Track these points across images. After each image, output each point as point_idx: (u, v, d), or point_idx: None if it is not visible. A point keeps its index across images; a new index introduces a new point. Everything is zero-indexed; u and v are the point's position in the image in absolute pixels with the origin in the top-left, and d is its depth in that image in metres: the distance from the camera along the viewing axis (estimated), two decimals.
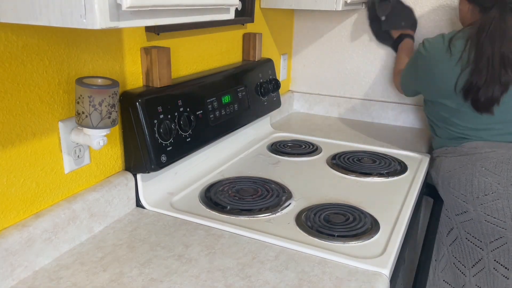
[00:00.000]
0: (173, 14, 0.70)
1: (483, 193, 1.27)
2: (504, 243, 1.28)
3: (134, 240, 0.96)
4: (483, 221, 1.29)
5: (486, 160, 1.28)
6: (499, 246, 1.29)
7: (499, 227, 1.27)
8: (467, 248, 1.36)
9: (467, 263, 1.38)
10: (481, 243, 1.33)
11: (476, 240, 1.33)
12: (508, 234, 1.26)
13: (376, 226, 1.03)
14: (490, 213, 1.27)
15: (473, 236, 1.33)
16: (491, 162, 1.27)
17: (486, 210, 1.27)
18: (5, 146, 0.80)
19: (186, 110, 1.14)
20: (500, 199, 1.25)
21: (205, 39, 1.33)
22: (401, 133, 1.75)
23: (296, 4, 1.54)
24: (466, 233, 1.35)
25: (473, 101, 1.29)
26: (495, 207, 1.26)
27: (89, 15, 0.56)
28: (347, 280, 0.84)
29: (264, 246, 0.94)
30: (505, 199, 1.24)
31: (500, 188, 1.24)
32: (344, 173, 1.33)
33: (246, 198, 1.14)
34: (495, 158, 1.28)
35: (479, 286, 1.36)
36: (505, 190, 1.24)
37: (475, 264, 1.36)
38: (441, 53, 1.31)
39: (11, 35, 0.77)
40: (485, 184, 1.27)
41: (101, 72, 0.97)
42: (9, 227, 0.82)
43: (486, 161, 1.28)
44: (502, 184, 1.24)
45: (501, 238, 1.28)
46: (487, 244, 1.31)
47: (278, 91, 1.64)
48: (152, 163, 1.04)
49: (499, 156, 1.28)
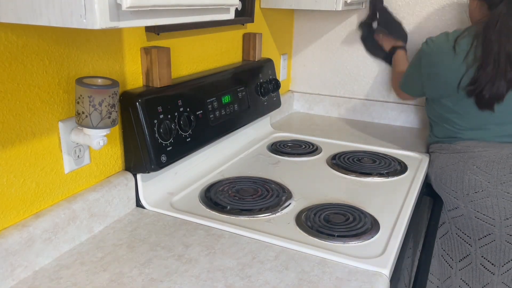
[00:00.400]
0: (173, 14, 0.70)
1: (473, 191, 1.29)
2: (492, 240, 1.30)
3: (134, 240, 0.96)
4: (473, 218, 1.31)
5: (478, 159, 1.30)
6: (488, 243, 1.31)
7: (488, 223, 1.28)
8: (456, 243, 1.38)
9: (455, 256, 1.40)
10: (470, 239, 1.34)
11: (465, 236, 1.35)
12: (497, 232, 1.28)
13: (376, 226, 1.03)
14: (480, 210, 1.28)
15: (463, 232, 1.35)
16: (482, 161, 1.29)
17: (476, 207, 1.29)
18: (5, 146, 0.80)
19: (186, 110, 1.14)
20: (490, 197, 1.26)
21: (205, 39, 1.33)
22: (401, 133, 1.75)
23: (296, 4, 1.54)
24: (456, 229, 1.37)
25: (477, 97, 1.29)
26: (484, 204, 1.27)
27: (89, 15, 0.56)
28: (347, 280, 0.84)
29: (264, 246, 0.94)
30: (495, 197, 1.26)
31: (490, 186, 1.26)
32: (344, 173, 1.33)
33: (246, 198, 1.14)
34: (487, 157, 1.29)
35: (463, 280, 1.38)
36: (494, 189, 1.26)
37: (463, 259, 1.38)
38: (445, 52, 1.32)
39: (11, 35, 0.77)
40: (475, 182, 1.28)
41: (101, 72, 0.97)
42: (9, 227, 0.82)
43: (478, 160, 1.30)
44: (492, 183, 1.26)
45: (490, 235, 1.30)
46: (476, 240, 1.33)
47: (278, 91, 1.64)
48: (152, 163, 1.04)
49: (491, 155, 1.29)
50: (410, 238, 1.52)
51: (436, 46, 1.34)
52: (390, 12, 1.73)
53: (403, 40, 1.72)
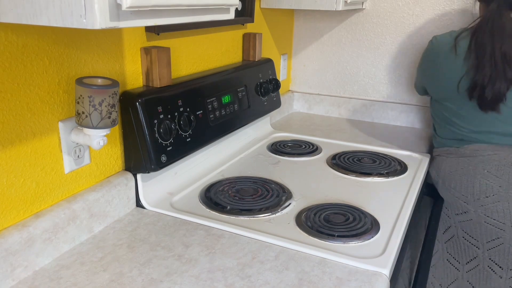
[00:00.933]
0: (173, 14, 0.70)
1: (484, 195, 1.27)
2: (501, 243, 1.29)
3: (134, 240, 0.96)
4: (482, 222, 1.29)
5: (488, 163, 1.29)
6: (496, 246, 1.30)
7: (498, 228, 1.27)
8: (463, 246, 1.37)
9: (461, 259, 1.39)
10: (477, 242, 1.33)
11: (473, 240, 1.34)
12: (506, 236, 1.27)
13: (376, 226, 1.03)
14: (490, 214, 1.27)
15: (470, 236, 1.34)
16: (493, 165, 1.28)
17: (486, 211, 1.27)
18: (5, 146, 0.80)
19: (186, 110, 1.14)
20: (501, 201, 1.25)
21: (205, 39, 1.33)
22: (401, 133, 1.75)
23: (296, 4, 1.54)
24: (463, 233, 1.36)
25: (479, 100, 1.28)
26: (495, 209, 1.26)
27: (89, 15, 0.56)
28: (347, 280, 0.84)
29: (264, 246, 0.94)
30: (506, 202, 1.24)
31: (502, 190, 1.25)
32: (344, 173, 1.33)
33: (246, 198, 1.13)
34: (497, 161, 1.28)
35: (470, 283, 1.37)
36: (506, 193, 1.24)
37: (470, 261, 1.36)
38: (447, 51, 1.32)
39: (11, 35, 0.77)
40: (486, 186, 1.27)
41: (101, 72, 0.97)
42: (9, 227, 0.82)
43: (488, 164, 1.28)
44: (503, 187, 1.25)
45: (499, 238, 1.29)
46: (483, 243, 1.32)
47: (278, 91, 1.64)
48: (152, 163, 1.04)
49: (501, 159, 1.28)
50: (410, 238, 1.52)
51: (439, 46, 1.34)
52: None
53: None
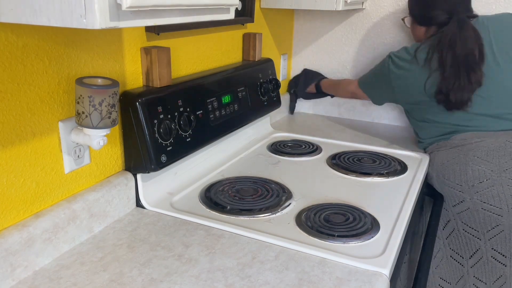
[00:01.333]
0: (173, 14, 0.70)
1: (478, 181, 1.30)
2: (501, 231, 1.30)
3: (134, 240, 0.96)
4: (479, 209, 1.31)
5: (477, 150, 1.33)
6: (496, 234, 1.31)
7: (496, 214, 1.29)
8: (464, 239, 1.38)
9: (464, 254, 1.40)
10: (478, 233, 1.34)
11: (473, 231, 1.35)
12: (505, 221, 1.28)
13: (376, 226, 1.03)
14: (486, 200, 1.29)
15: (470, 227, 1.35)
16: (482, 151, 1.32)
17: (482, 197, 1.30)
18: (5, 146, 0.80)
19: (186, 110, 1.14)
20: (495, 186, 1.28)
21: (205, 39, 1.33)
22: (401, 133, 1.75)
23: (296, 4, 1.54)
24: (463, 224, 1.37)
25: (445, 104, 1.36)
26: (490, 193, 1.28)
27: (89, 15, 0.56)
28: (347, 280, 0.84)
29: (264, 246, 0.94)
30: (500, 185, 1.27)
31: (494, 175, 1.28)
32: (344, 173, 1.33)
33: (246, 198, 1.13)
34: (486, 147, 1.32)
35: (476, 277, 1.38)
36: (499, 177, 1.27)
37: (473, 255, 1.38)
38: (410, 64, 1.40)
39: (11, 35, 0.77)
40: (479, 172, 1.30)
41: (101, 72, 0.97)
42: (9, 227, 0.82)
43: (477, 151, 1.33)
44: (495, 171, 1.28)
45: (498, 226, 1.30)
46: (484, 233, 1.33)
47: (278, 91, 1.64)
48: (152, 163, 1.04)
49: (489, 145, 1.32)
50: (410, 238, 1.52)
51: (401, 61, 1.42)
52: (297, 76, 1.94)
53: (316, 77, 1.88)
